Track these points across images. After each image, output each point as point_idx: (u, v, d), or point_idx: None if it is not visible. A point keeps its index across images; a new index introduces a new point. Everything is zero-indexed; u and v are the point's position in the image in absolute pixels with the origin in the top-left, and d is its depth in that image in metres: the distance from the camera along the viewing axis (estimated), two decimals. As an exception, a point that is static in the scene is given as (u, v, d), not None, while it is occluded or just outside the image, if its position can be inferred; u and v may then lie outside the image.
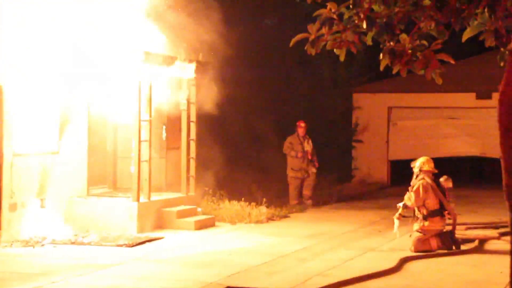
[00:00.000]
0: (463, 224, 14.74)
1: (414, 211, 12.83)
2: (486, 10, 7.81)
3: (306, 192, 18.85)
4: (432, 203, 12.74)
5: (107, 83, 14.54)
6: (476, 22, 7.99)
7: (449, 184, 13.16)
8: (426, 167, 12.94)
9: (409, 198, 12.74)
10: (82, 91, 14.46)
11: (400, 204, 12.80)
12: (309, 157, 18.78)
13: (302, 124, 18.85)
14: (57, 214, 14.13)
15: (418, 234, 12.69)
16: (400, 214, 12.81)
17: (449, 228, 13.11)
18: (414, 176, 12.99)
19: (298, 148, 18.67)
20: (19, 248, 12.63)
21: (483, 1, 7.71)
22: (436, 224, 12.73)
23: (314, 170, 18.86)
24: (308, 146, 18.81)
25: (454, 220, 13.18)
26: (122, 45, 14.30)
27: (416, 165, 13.02)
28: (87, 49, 13.93)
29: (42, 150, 14.02)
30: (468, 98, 23.35)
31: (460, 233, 13.44)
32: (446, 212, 12.85)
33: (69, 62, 13.80)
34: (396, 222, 12.74)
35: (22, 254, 12.21)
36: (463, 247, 12.93)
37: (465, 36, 8.28)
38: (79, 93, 14.44)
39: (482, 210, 17.49)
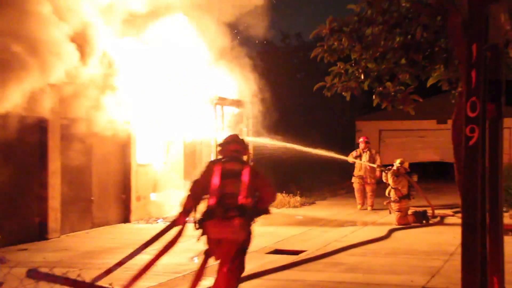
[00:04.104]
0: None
1: (390, 196, 12.81)
2: (442, 66, 7.88)
3: (368, 199, 15.37)
4: (404, 189, 12.77)
5: (194, 117, 14.56)
6: (435, 74, 8.06)
7: (415, 179, 13.31)
8: (405, 165, 13.04)
9: (392, 180, 12.76)
10: (179, 123, 14.43)
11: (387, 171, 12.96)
12: (367, 167, 15.11)
13: (360, 139, 15.65)
14: (165, 203, 14.20)
15: (397, 212, 12.69)
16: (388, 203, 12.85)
17: (420, 209, 13.11)
18: (395, 168, 12.94)
19: (356, 159, 15.34)
20: (142, 224, 12.88)
21: (440, 60, 7.78)
22: (406, 204, 12.77)
23: (371, 180, 15.19)
24: (365, 158, 15.14)
25: (430, 203, 13.29)
26: (203, 92, 14.49)
27: (397, 162, 13.04)
28: (182, 95, 13.97)
29: (154, 161, 14.20)
30: (431, 123, 23.26)
31: (428, 211, 13.40)
32: (411, 196, 12.85)
33: (171, 104, 13.81)
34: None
35: (144, 228, 12.42)
36: (430, 222, 12.88)
37: (429, 83, 8.35)
38: (177, 125, 14.40)
39: (442, 197, 17.27)
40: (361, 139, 15.72)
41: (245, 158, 5.95)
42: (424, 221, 12.74)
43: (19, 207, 10.54)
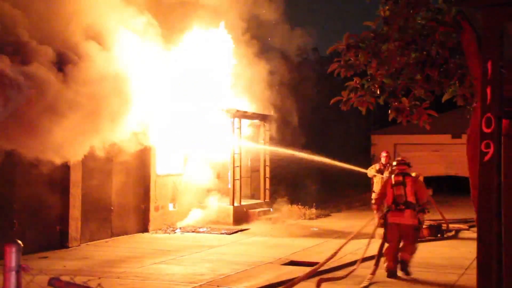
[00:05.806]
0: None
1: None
2: (457, 82, 7.82)
3: None
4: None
5: (212, 129, 14.62)
6: (450, 90, 8.00)
7: (430, 193, 13.02)
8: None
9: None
10: (197, 135, 14.45)
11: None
12: None
13: (384, 154, 14.37)
14: (183, 213, 14.32)
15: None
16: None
17: (434, 222, 12.94)
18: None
19: (378, 173, 13.91)
20: (160, 234, 12.89)
21: (455, 76, 7.73)
22: (421, 217, 12.44)
23: None
24: (387, 173, 13.38)
25: (444, 217, 13.07)
26: (221, 105, 14.55)
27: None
28: (200, 108, 14.01)
29: (173, 172, 14.26)
30: (446, 138, 23.09)
31: (443, 225, 13.22)
32: (426, 210, 12.55)
33: (190, 116, 13.78)
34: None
35: (162, 238, 12.47)
36: (445, 236, 12.73)
37: (444, 98, 8.27)
38: (195, 138, 14.39)
39: (457, 211, 17.08)
40: (384, 154, 14.39)
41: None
42: (439, 235, 12.57)
43: (41, 216, 10.63)
